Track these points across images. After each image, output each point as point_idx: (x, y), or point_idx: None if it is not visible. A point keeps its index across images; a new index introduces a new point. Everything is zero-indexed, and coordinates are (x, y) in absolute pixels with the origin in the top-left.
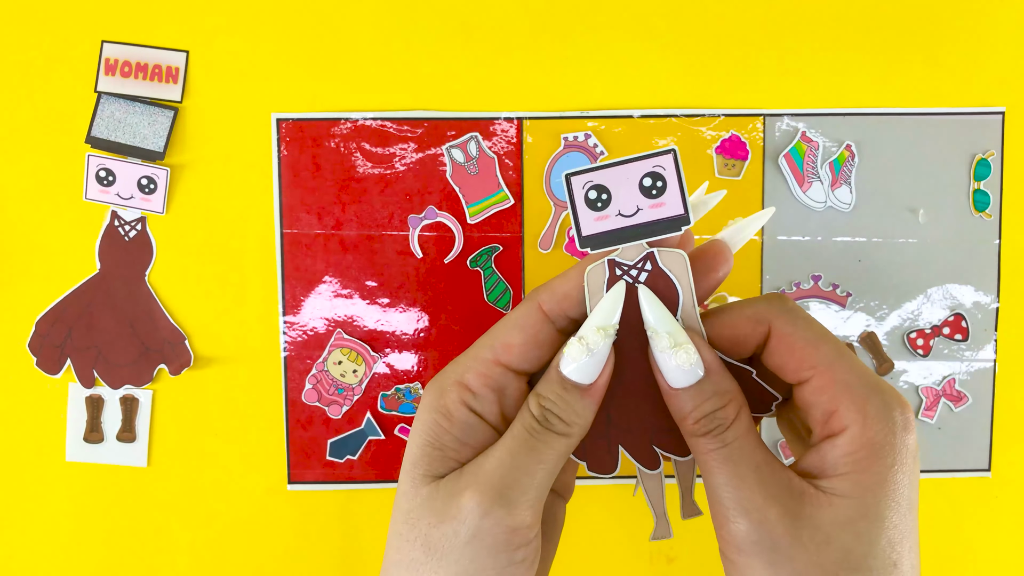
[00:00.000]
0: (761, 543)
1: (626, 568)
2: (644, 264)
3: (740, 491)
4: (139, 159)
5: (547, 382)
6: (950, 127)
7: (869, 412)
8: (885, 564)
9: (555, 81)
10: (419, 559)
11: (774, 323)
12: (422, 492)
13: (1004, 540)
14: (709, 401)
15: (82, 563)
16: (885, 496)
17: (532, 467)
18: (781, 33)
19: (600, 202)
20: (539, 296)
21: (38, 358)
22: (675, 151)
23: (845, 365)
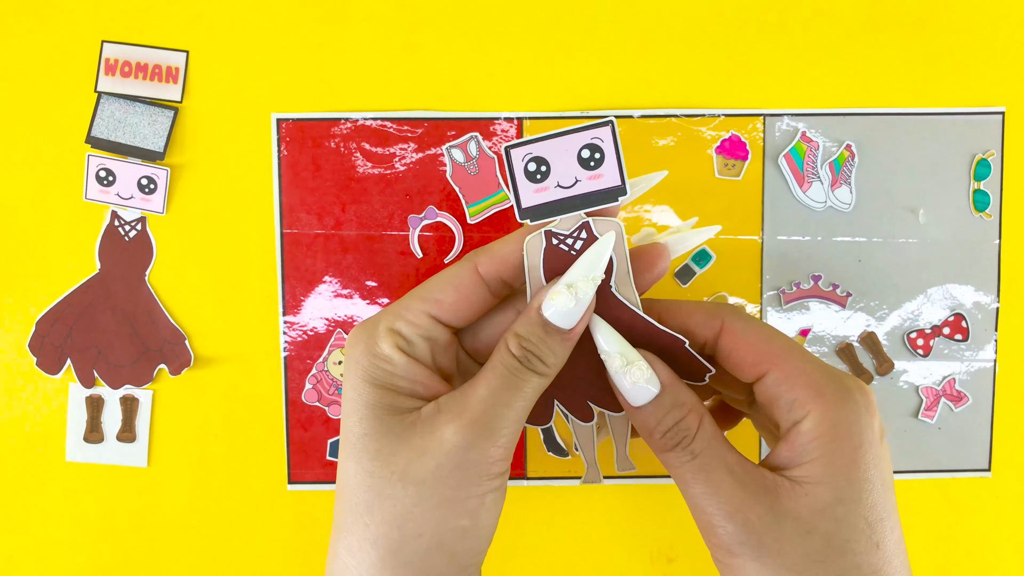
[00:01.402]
0: (748, 543)
1: (626, 568)
2: (580, 233)
3: (719, 497)
4: (139, 159)
5: (528, 323)
6: (950, 127)
7: (828, 395)
8: (868, 546)
9: (555, 81)
10: (397, 494)
11: (726, 319)
12: (394, 429)
13: (1004, 540)
14: (669, 414)
15: (82, 563)
16: (857, 478)
17: (512, 402)
18: (781, 33)
19: (539, 174)
20: (477, 258)
21: (38, 358)
22: (612, 122)
23: (799, 355)
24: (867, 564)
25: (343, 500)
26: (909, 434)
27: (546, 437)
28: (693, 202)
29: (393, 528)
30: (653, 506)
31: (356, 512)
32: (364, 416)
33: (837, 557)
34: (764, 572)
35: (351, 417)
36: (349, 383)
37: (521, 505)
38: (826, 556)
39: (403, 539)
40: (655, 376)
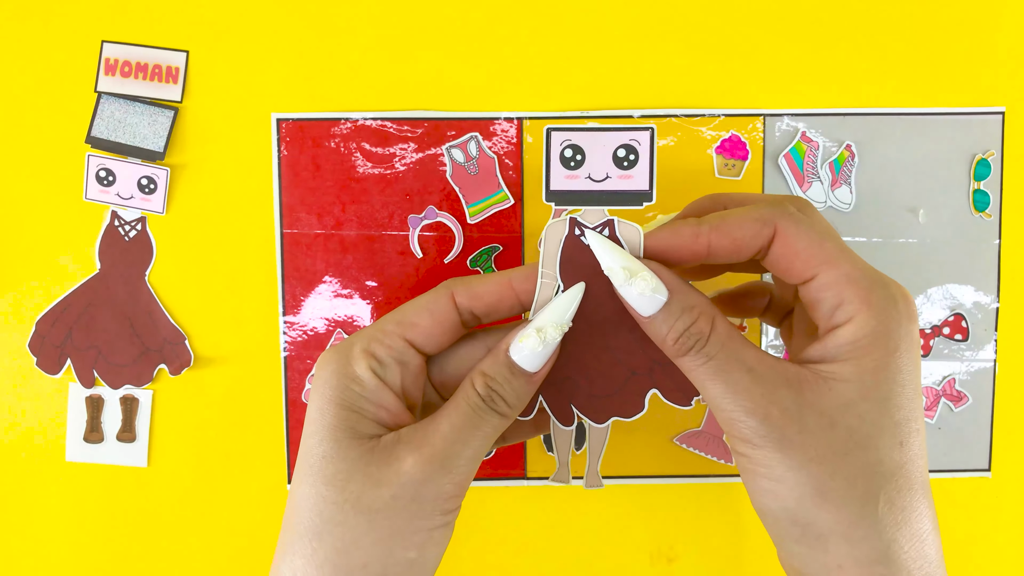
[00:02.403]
0: (770, 436)
1: (626, 568)
2: (603, 230)
3: (738, 396)
4: (139, 159)
5: (495, 364)
6: (950, 127)
7: (873, 302)
8: (891, 443)
9: (555, 81)
10: (348, 521)
11: (780, 224)
12: (351, 454)
13: (1004, 540)
14: (680, 320)
15: (82, 563)
16: (887, 379)
17: (472, 440)
18: (781, 33)
19: (574, 162)
20: (454, 288)
21: (38, 358)
22: (653, 129)
23: (849, 260)
24: (889, 460)
25: (292, 521)
26: None
27: (546, 437)
28: None
29: (340, 555)
30: (653, 506)
31: (304, 535)
32: (324, 438)
33: (859, 451)
34: (786, 462)
35: (312, 438)
36: (315, 403)
37: (521, 505)
38: (849, 449)
39: (349, 567)
40: (661, 284)
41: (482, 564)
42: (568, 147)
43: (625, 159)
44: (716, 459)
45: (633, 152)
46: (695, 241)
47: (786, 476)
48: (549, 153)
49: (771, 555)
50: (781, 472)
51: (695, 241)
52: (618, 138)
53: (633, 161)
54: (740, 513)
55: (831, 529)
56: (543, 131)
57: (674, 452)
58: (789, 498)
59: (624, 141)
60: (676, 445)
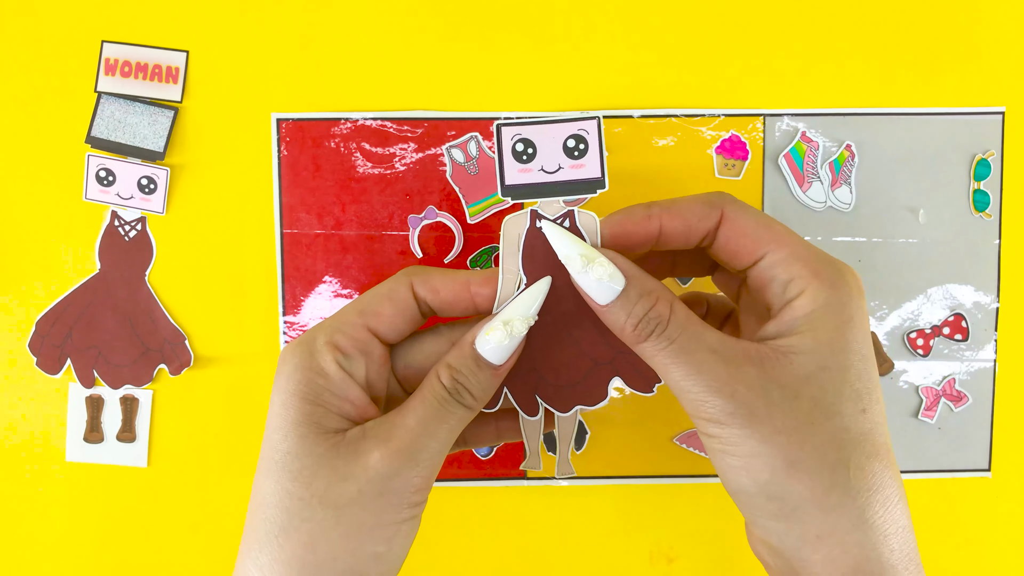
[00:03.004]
0: (738, 413)
1: (626, 568)
2: (564, 221)
3: (703, 376)
4: (139, 159)
5: (461, 357)
6: (950, 127)
7: (823, 275)
8: (854, 411)
9: (555, 81)
10: (315, 516)
11: (726, 208)
12: (317, 450)
13: (1004, 540)
14: (638, 305)
15: (82, 563)
16: (843, 348)
17: (438, 433)
18: (781, 33)
19: (526, 155)
20: (413, 278)
21: (38, 358)
22: (599, 118)
23: (796, 240)
24: (855, 426)
25: (258, 518)
26: (909, 434)
27: (546, 437)
28: None
29: (308, 551)
30: (653, 506)
31: (270, 532)
32: (288, 433)
33: (825, 420)
34: (755, 437)
35: (276, 433)
36: (279, 398)
37: (521, 505)
38: (814, 419)
39: (317, 562)
40: (617, 271)
41: (482, 564)
42: (519, 141)
43: (575, 149)
44: None
45: (583, 142)
46: (647, 222)
47: (757, 450)
48: (501, 149)
49: None
50: (751, 447)
51: (647, 222)
52: (566, 129)
53: (583, 150)
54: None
55: (805, 499)
56: (493, 127)
57: (674, 452)
58: (762, 471)
59: (573, 131)
60: (676, 445)
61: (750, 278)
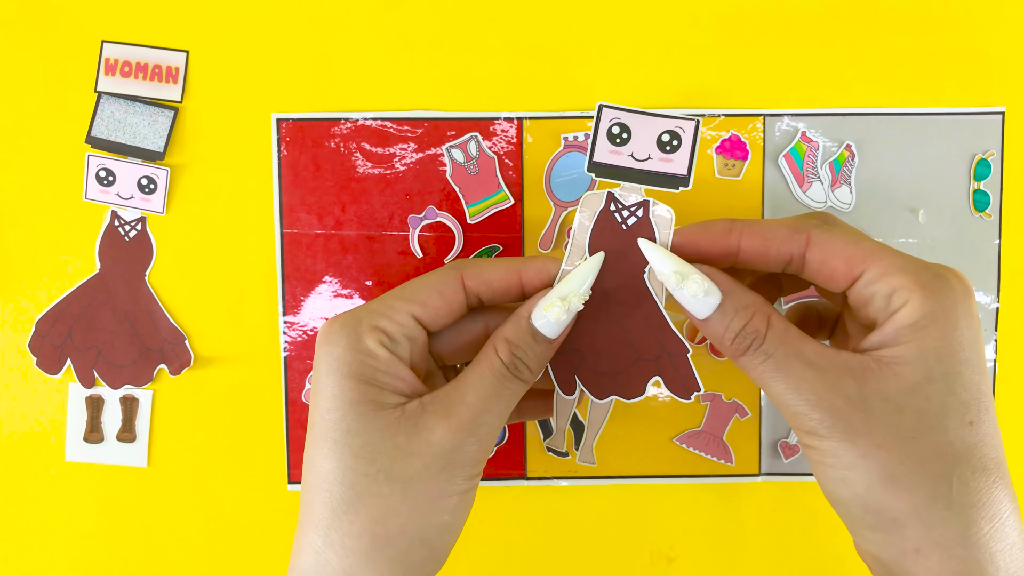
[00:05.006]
0: (836, 427)
1: (626, 568)
2: (637, 210)
3: (801, 391)
4: (139, 159)
5: (518, 331)
6: (950, 127)
7: (926, 283)
8: (960, 423)
9: (555, 81)
10: (383, 491)
11: (812, 233)
12: (378, 426)
13: None
14: (735, 320)
15: (82, 563)
16: (950, 358)
17: (497, 407)
18: (781, 33)
19: (619, 139)
20: (464, 271)
21: (38, 358)
22: (699, 120)
23: (891, 253)
24: (960, 440)
25: (321, 496)
26: None
27: (546, 437)
28: (693, 202)
29: (378, 525)
30: (653, 506)
31: (338, 509)
32: (347, 412)
33: (929, 433)
34: (854, 451)
35: (333, 413)
36: (330, 378)
37: (521, 505)
38: (918, 432)
39: (388, 535)
40: (713, 286)
41: (482, 564)
42: (616, 124)
43: (668, 144)
44: (716, 459)
45: (677, 138)
46: (727, 237)
47: (855, 464)
48: (597, 128)
49: (771, 555)
50: (850, 461)
51: (727, 237)
52: (665, 124)
53: (676, 147)
54: (740, 513)
55: (904, 512)
56: (596, 106)
57: (674, 452)
58: (859, 485)
59: (670, 127)
60: (676, 445)
61: (851, 298)
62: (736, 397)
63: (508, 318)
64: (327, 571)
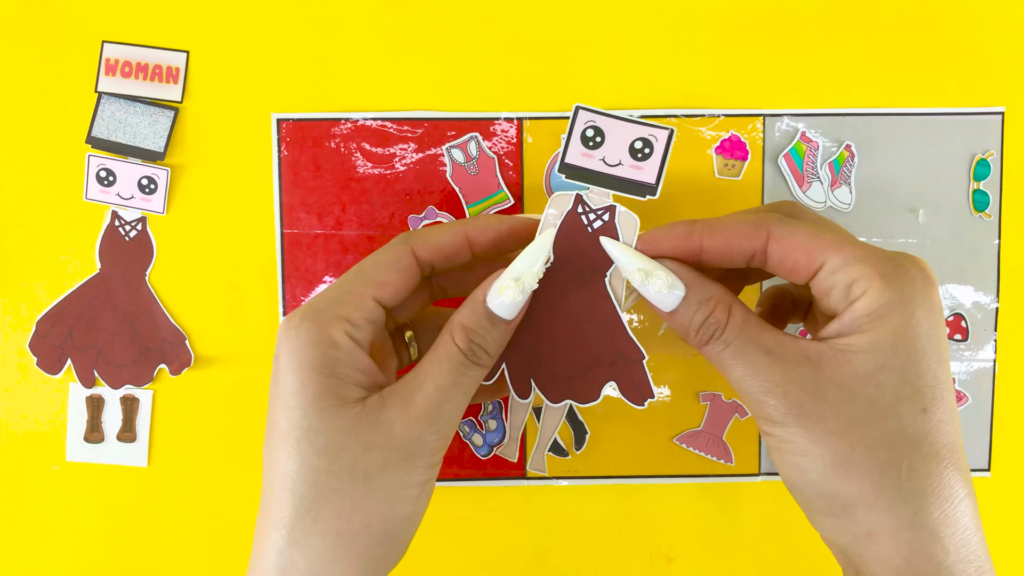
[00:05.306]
0: (789, 413)
1: (626, 568)
2: (603, 214)
3: (757, 377)
4: (139, 159)
5: (474, 316)
6: (950, 127)
7: (885, 273)
8: (913, 411)
9: (555, 81)
10: (346, 488)
11: (772, 228)
12: (340, 422)
13: (1004, 540)
14: (698, 312)
15: (82, 563)
16: (905, 347)
17: (456, 396)
18: (781, 33)
19: (593, 142)
20: (414, 243)
21: (38, 358)
22: (673, 131)
23: (852, 243)
24: (912, 427)
25: (283, 496)
26: None
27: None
28: (693, 202)
29: (342, 521)
30: (653, 506)
31: (300, 507)
32: (309, 409)
33: (881, 420)
34: (807, 437)
35: (295, 411)
36: (292, 375)
37: (521, 505)
38: (869, 419)
39: (352, 531)
40: (677, 280)
41: (482, 564)
42: (591, 127)
43: (641, 151)
44: (716, 459)
45: (649, 146)
46: (688, 239)
47: (809, 450)
48: (572, 130)
49: (771, 555)
50: (803, 447)
51: (688, 239)
52: (638, 131)
53: (648, 155)
54: (740, 513)
55: (856, 498)
56: (573, 108)
57: (674, 452)
58: (813, 471)
59: (643, 135)
60: (676, 445)
61: (813, 289)
62: (736, 397)
63: (462, 304)
64: (292, 571)
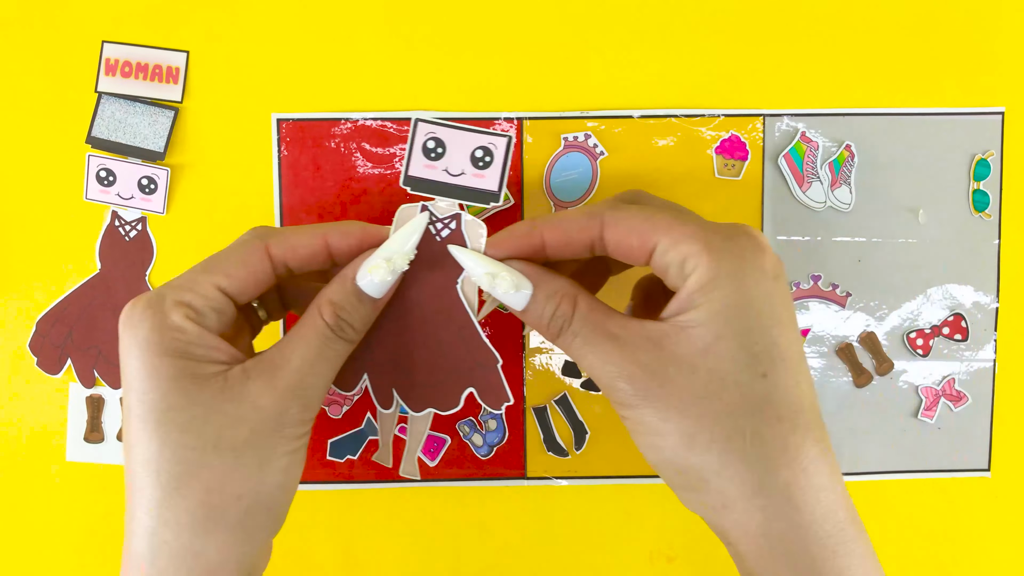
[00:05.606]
0: (637, 395)
1: (626, 568)
2: (450, 222)
3: (606, 364)
4: (139, 159)
5: (343, 293)
6: (950, 127)
7: (714, 246)
8: (752, 377)
9: (555, 81)
10: (213, 462)
11: (605, 215)
12: (201, 397)
13: (1004, 540)
14: (546, 307)
15: (82, 563)
16: (738, 315)
17: (321, 368)
18: (781, 33)
19: (434, 153)
20: (269, 240)
21: (38, 358)
22: (511, 138)
23: (683, 221)
24: (753, 394)
25: (148, 478)
26: (909, 434)
27: (546, 437)
28: (693, 202)
29: (213, 495)
30: (653, 506)
31: (168, 486)
32: (168, 390)
33: (721, 391)
34: (656, 416)
35: (151, 394)
36: (142, 360)
37: (521, 505)
38: (710, 391)
39: (223, 503)
40: (524, 279)
41: (482, 564)
42: (432, 139)
43: (481, 160)
44: None
45: (489, 155)
46: (529, 237)
47: (660, 428)
48: (413, 142)
49: None
50: (654, 426)
51: (529, 237)
52: (478, 140)
53: (488, 163)
54: None
55: (707, 471)
56: (412, 121)
57: None
58: (666, 448)
59: (483, 143)
60: None
61: (654, 270)
62: None
63: (332, 280)
64: (165, 551)
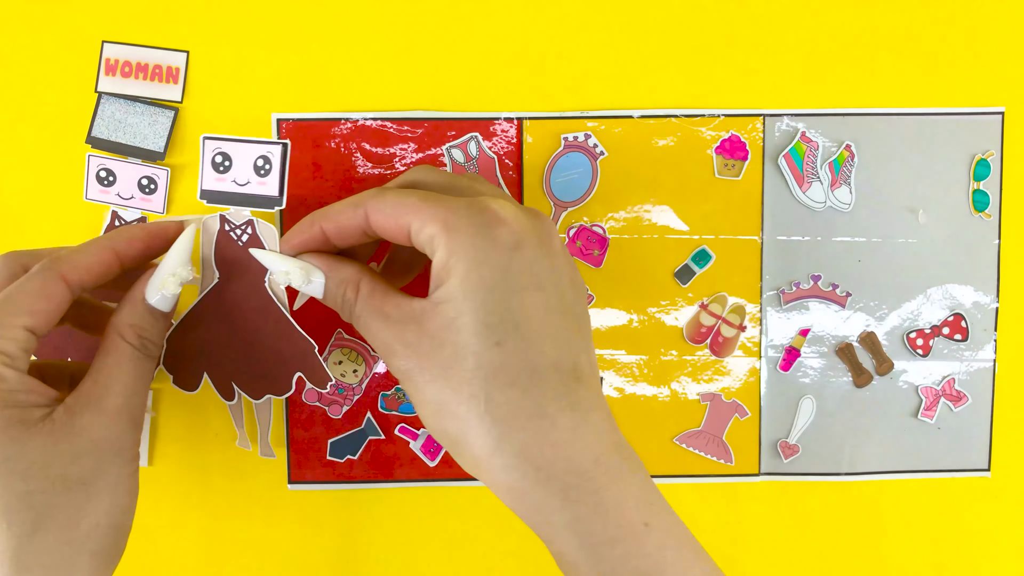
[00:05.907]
0: (402, 370)
1: None
2: (246, 228)
3: (382, 342)
4: (139, 159)
5: (138, 314)
6: (950, 127)
7: (451, 224)
8: (486, 346)
9: (555, 81)
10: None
11: (368, 203)
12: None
13: (1004, 540)
14: (336, 294)
15: None
16: (473, 287)
17: (140, 387)
18: (781, 33)
19: (222, 167)
20: (61, 268)
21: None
22: (286, 145)
23: (431, 203)
24: (488, 362)
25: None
26: (909, 434)
27: None
28: (693, 202)
29: (72, 529)
30: None
31: (23, 535)
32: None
33: (461, 361)
34: (417, 388)
35: None
36: None
37: None
38: (454, 362)
39: (84, 535)
40: (315, 270)
41: (482, 564)
42: (218, 154)
43: (262, 168)
44: (716, 459)
45: (268, 163)
46: (311, 229)
47: (420, 400)
48: (203, 157)
49: (771, 555)
50: (419, 398)
51: (311, 229)
52: (256, 150)
53: (268, 171)
54: (740, 513)
55: (460, 436)
56: (200, 140)
57: (674, 452)
58: (428, 417)
59: (261, 152)
60: (676, 445)
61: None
62: (736, 397)
63: (121, 306)
64: None
